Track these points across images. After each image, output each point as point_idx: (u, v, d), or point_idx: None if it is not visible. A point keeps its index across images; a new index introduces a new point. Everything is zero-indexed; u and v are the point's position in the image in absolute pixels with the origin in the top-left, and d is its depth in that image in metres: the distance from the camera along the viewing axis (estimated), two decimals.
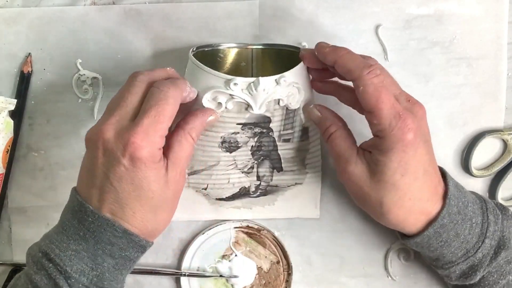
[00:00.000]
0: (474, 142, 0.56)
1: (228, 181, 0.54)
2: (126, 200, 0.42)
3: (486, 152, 0.57)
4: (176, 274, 0.57)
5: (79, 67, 0.55)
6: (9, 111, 0.53)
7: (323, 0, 0.54)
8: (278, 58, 0.52)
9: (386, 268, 0.58)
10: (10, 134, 0.54)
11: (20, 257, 0.57)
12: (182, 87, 0.44)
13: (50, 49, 0.55)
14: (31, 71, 0.55)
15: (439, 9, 0.54)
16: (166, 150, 0.44)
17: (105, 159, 0.41)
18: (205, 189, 0.54)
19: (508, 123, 0.56)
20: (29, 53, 0.54)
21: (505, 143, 0.57)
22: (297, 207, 0.56)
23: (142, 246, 0.44)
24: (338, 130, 0.48)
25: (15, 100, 0.54)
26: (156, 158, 0.42)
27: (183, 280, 0.57)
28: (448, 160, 0.57)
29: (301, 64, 0.49)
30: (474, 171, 0.56)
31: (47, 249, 0.42)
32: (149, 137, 0.41)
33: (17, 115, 0.55)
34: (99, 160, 0.41)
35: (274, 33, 0.54)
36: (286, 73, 0.47)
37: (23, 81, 0.54)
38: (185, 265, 0.57)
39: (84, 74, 0.55)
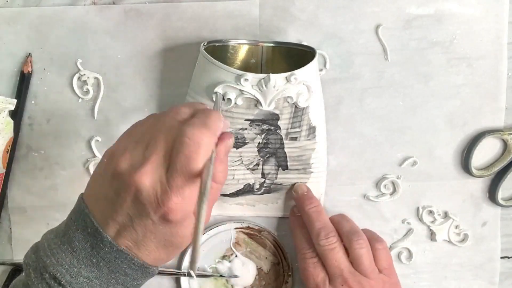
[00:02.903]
0: (474, 142, 0.56)
1: (233, 177, 0.54)
2: (144, 243, 0.39)
3: (486, 152, 0.57)
4: (176, 274, 0.57)
5: (79, 67, 0.55)
6: (9, 111, 0.53)
7: (323, 0, 0.54)
8: (288, 57, 0.52)
9: None
10: (10, 134, 0.54)
11: (20, 257, 0.57)
12: (214, 128, 0.39)
13: (50, 49, 0.55)
14: (31, 71, 0.55)
15: (439, 9, 0.54)
16: None
17: (133, 207, 0.38)
18: None
19: (508, 123, 0.56)
20: (29, 53, 0.54)
21: (505, 143, 0.57)
22: None
23: (153, 274, 0.42)
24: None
25: (15, 100, 0.54)
26: (188, 216, 0.39)
27: (183, 280, 0.57)
28: (448, 160, 0.57)
29: (312, 63, 0.49)
30: (474, 171, 0.56)
31: (56, 273, 0.38)
32: (185, 202, 0.37)
33: (17, 115, 0.55)
34: (126, 203, 0.38)
35: (274, 33, 0.54)
36: (296, 71, 0.48)
37: (23, 81, 0.54)
38: (185, 265, 0.57)
39: (84, 74, 0.55)
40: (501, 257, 0.59)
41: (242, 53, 0.53)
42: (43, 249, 0.40)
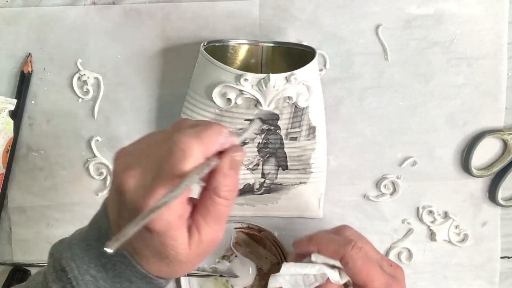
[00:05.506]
0: (474, 142, 0.56)
1: None
2: (140, 251, 0.38)
3: (486, 152, 0.57)
4: None
5: (79, 67, 0.55)
6: (9, 111, 0.53)
7: (323, 0, 0.54)
8: (288, 57, 0.52)
9: None
10: (10, 134, 0.54)
11: (20, 257, 0.57)
12: (207, 139, 0.37)
13: (50, 49, 0.55)
14: (31, 71, 0.55)
15: (439, 9, 0.54)
16: (194, 210, 0.38)
17: (124, 210, 0.36)
18: None
19: (508, 123, 0.56)
20: (29, 53, 0.54)
21: (505, 143, 0.57)
22: (300, 206, 0.57)
23: (161, 286, 0.40)
24: None
25: (15, 100, 0.54)
26: (174, 228, 0.36)
27: (183, 280, 0.57)
28: (448, 160, 0.57)
29: (312, 63, 0.49)
30: (474, 171, 0.56)
31: (66, 266, 0.38)
32: (166, 212, 0.34)
33: (17, 115, 0.55)
34: (120, 205, 0.37)
35: (274, 33, 0.54)
36: (296, 71, 0.48)
37: (23, 81, 0.54)
38: None
39: (84, 74, 0.55)
40: (501, 257, 0.59)
41: (242, 53, 0.53)
42: (67, 243, 0.40)
